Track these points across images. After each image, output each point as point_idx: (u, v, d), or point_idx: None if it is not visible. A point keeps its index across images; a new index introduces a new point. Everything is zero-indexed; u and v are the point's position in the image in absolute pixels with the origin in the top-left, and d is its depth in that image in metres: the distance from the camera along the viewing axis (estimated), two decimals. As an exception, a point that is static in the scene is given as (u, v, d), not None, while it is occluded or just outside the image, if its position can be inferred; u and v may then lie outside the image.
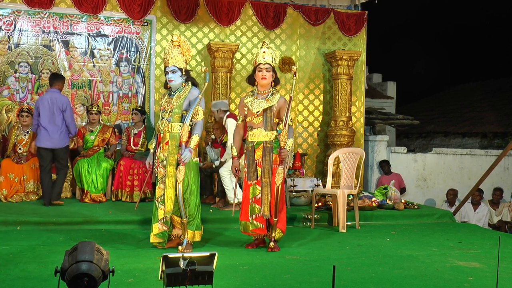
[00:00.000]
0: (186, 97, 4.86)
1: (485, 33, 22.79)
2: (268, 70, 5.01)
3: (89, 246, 2.68)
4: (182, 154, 4.73)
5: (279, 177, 4.89)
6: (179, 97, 4.88)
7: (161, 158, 4.90)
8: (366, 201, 7.18)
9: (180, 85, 4.94)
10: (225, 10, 8.53)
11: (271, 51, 5.10)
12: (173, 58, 4.87)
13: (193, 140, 4.79)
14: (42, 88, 7.93)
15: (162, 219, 4.87)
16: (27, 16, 7.88)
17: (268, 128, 5.00)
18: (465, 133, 14.12)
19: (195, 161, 4.91)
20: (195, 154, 4.93)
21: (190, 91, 4.89)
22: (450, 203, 8.96)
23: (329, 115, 9.03)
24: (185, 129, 4.75)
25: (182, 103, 4.85)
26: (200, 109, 4.86)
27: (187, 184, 4.81)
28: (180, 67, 4.89)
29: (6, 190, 6.90)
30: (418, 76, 22.36)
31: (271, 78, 5.06)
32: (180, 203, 4.75)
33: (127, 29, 8.26)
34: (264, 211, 4.96)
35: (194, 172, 4.89)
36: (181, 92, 4.91)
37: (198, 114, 4.85)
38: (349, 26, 9.08)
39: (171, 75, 4.88)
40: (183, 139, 4.76)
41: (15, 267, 4.16)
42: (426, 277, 4.26)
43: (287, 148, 4.94)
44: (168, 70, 4.88)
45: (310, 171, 9.01)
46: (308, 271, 4.33)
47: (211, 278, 2.84)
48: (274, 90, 5.09)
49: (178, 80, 4.90)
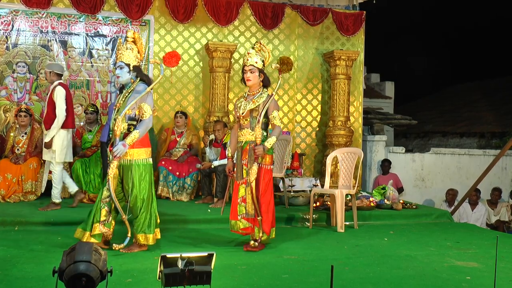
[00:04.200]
0: (132, 94, 4.73)
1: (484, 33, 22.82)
2: (252, 72, 5.02)
3: (87, 246, 2.68)
4: (114, 147, 4.57)
5: (251, 173, 4.87)
6: (124, 95, 4.79)
7: (110, 157, 4.75)
8: (364, 201, 7.19)
9: (128, 82, 4.83)
10: (223, 10, 8.53)
11: (263, 52, 5.11)
12: (121, 53, 4.80)
13: (131, 136, 4.58)
14: (40, 88, 7.92)
15: (104, 220, 4.75)
16: (25, 16, 7.87)
17: (253, 129, 4.99)
18: (463, 133, 14.14)
19: (145, 163, 4.75)
20: (147, 155, 4.79)
21: (135, 87, 4.75)
22: (449, 203, 8.97)
23: (327, 115, 9.03)
24: (118, 121, 4.58)
25: (128, 100, 4.70)
26: (146, 107, 4.68)
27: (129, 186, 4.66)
28: (127, 62, 4.77)
29: (4, 190, 6.89)
30: (417, 76, 22.38)
31: (257, 79, 5.05)
32: (114, 199, 4.63)
33: (125, 29, 8.24)
34: (248, 210, 4.97)
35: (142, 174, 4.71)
36: (129, 89, 4.81)
37: (145, 112, 4.67)
38: (347, 26, 9.09)
39: (118, 71, 4.79)
40: (117, 132, 4.58)
41: (13, 267, 4.15)
42: (424, 277, 4.26)
43: (267, 145, 4.91)
44: (116, 66, 4.82)
45: (308, 171, 9.02)
46: (306, 271, 4.33)
47: (209, 278, 2.85)
48: (264, 90, 5.09)
49: (126, 76, 4.79)
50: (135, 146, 4.66)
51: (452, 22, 23.55)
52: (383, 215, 7.05)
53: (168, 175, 7.62)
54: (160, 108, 8.40)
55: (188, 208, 6.94)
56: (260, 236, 4.98)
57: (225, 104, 8.21)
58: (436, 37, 24.67)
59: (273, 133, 5.02)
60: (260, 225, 4.95)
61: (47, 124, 6.23)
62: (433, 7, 22.30)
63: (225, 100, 8.22)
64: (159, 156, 7.89)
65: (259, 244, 4.99)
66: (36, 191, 7.04)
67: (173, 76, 8.45)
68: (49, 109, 6.23)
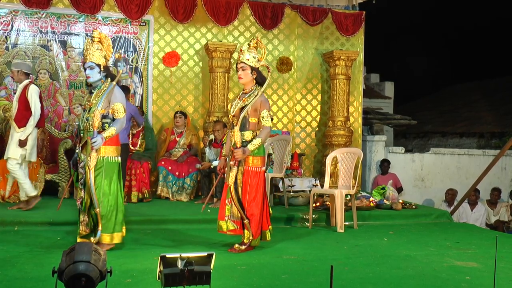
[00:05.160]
0: (104, 95, 4.68)
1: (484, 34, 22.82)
2: (244, 69, 4.91)
3: (86, 246, 2.68)
4: (93, 139, 4.54)
5: (231, 176, 4.80)
6: (97, 95, 4.74)
7: (81, 158, 4.76)
8: (364, 201, 7.19)
9: (99, 82, 4.80)
10: (223, 10, 8.53)
11: (259, 49, 5.03)
12: (91, 54, 4.76)
13: (108, 130, 4.61)
14: (39, 88, 7.88)
15: (83, 221, 4.81)
16: (25, 16, 7.86)
17: (243, 129, 4.89)
18: (462, 133, 14.15)
19: (113, 160, 4.74)
20: (116, 153, 4.79)
21: (108, 88, 4.71)
22: (449, 203, 8.97)
23: (327, 115, 9.03)
24: (96, 115, 4.56)
25: (101, 102, 4.66)
26: (119, 106, 4.69)
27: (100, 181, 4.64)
28: (98, 63, 4.75)
29: (4, 190, 6.89)
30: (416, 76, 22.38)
31: (249, 77, 4.92)
32: (92, 191, 4.59)
33: (125, 29, 8.25)
34: (233, 212, 4.94)
35: (110, 172, 4.70)
36: (100, 89, 4.77)
37: (119, 111, 4.68)
38: (347, 26, 9.09)
39: (88, 71, 4.76)
40: (95, 125, 4.55)
41: (13, 268, 4.15)
42: (423, 277, 4.26)
43: (250, 148, 4.79)
44: (86, 67, 4.77)
45: (308, 171, 9.02)
46: (306, 271, 4.33)
47: (208, 278, 2.84)
48: (256, 89, 4.94)
49: (96, 77, 4.77)
50: (106, 143, 4.67)
51: (451, 23, 23.56)
52: (382, 215, 7.05)
53: (167, 175, 7.62)
54: (159, 108, 8.40)
55: (188, 208, 6.95)
56: (249, 238, 4.89)
57: (224, 104, 8.20)
58: (435, 38, 24.67)
59: (259, 135, 4.86)
60: (249, 228, 4.86)
61: (20, 122, 6.20)
62: (433, 7, 22.31)
63: (225, 100, 8.21)
64: (159, 156, 7.90)
65: (246, 247, 4.90)
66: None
67: (172, 76, 8.45)
68: (21, 107, 6.22)
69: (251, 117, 4.89)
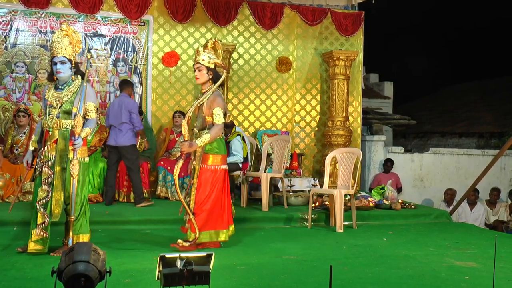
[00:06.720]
0: (77, 93, 4.54)
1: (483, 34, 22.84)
2: (200, 70, 4.99)
3: (85, 246, 2.68)
4: (75, 141, 4.42)
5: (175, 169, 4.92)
6: (69, 92, 4.56)
7: (47, 157, 4.52)
8: (363, 201, 7.19)
9: (69, 78, 4.60)
10: (222, 10, 8.53)
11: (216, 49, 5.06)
12: (63, 48, 4.52)
13: (84, 131, 4.49)
14: (38, 88, 7.91)
15: (41, 224, 4.49)
16: (24, 16, 7.86)
17: (199, 127, 5.01)
18: (462, 133, 14.16)
19: (84, 161, 4.61)
20: (86, 153, 4.66)
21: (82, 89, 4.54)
22: (448, 202, 8.97)
23: (326, 115, 9.03)
24: (79, 119, 4.43)
25: (73, 99, 4.52)
26: (92, 105, 4.59)
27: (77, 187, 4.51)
28: (70, 58, 4.55)
29: (3, 190, 6.89)
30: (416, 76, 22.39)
31: (204, 77, 4.99)
32: (73, 200, 4.45)
33: (124, 29, 8.25)
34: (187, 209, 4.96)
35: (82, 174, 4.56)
36: (70, 86, 4.59)
37: (92, 111, 4.59)
38: (346, 26, 9.09)
39: (59, 66, 4.52)
40: (77, 130, 4.42)
41: (12, 268, 4.15)
42: (423, 277, 4.27)
43: (198, 143, 4.80)
44: (57, 61, 4.52)
45: (307, 171, 9.02)
46: (305, 271, 4.34)
47: (208, 278, 2.84)
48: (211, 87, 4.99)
49: (68, 72, 4.56)
50: None
51: (451, 23, 23.58)
52: (382, 215, 7.05)
53: (167, 175, 7.62)
54: (159, 108, 8.40)
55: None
56: (195, 236, 4.84)
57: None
58: (435, 38, 24.70)
59: (210, 131, 4.87)
60: (194, 223, 4.84)
61: None
62: (433, 7, 22.33)
63: (224, 100, 8.20)
64: (158, 156, 7.89)
65: (190, 245, 4.86)
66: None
67: (171, 76, 8.45)
68: None
69: (206, 115, 4.98)
